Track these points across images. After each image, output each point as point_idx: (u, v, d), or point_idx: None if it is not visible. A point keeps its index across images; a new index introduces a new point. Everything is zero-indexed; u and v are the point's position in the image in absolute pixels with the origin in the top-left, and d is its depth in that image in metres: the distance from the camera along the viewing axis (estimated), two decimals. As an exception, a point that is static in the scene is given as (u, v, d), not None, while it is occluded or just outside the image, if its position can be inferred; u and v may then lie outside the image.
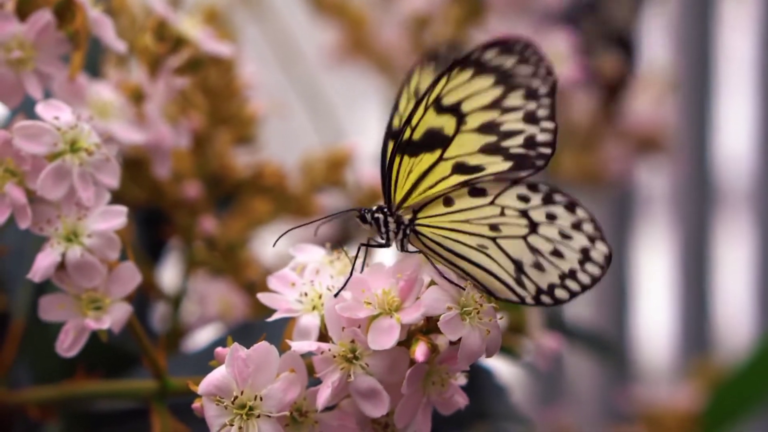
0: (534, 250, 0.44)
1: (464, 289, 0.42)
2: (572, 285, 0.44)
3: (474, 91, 0.43)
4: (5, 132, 0.43)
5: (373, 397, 0.42)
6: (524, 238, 0.44)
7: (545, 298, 0.44)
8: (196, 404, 0.42)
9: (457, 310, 0.41)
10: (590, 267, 0.44)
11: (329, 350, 0.42)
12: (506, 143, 0.44)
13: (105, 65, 0.57)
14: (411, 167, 0.44)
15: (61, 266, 0.44)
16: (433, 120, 0.44)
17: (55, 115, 0.44)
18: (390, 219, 0.44)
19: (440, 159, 0.44)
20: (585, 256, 0.44)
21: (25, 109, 0.49)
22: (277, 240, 0.47)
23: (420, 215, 0.44)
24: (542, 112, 0.43)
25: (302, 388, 0.42)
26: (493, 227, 0.44)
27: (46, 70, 0.46)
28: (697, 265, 1.21)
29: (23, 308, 0.56)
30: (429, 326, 0.42)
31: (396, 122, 0.46)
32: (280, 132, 0.68)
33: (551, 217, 0.44)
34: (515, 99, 0.43)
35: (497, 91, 0.43)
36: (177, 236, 0.61)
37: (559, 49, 0.72)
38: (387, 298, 0.42)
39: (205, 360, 0.50)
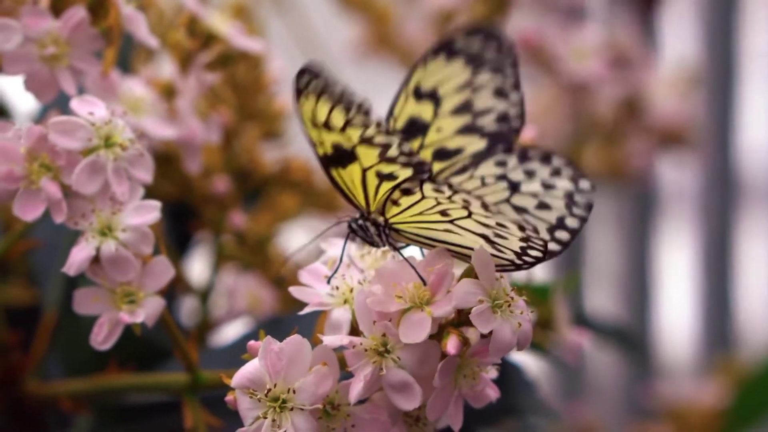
0: (519, 209, 0.44)
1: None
2: (562, 235, 0.44)
3: (448, 75, 0.46)
4: (40, 127, 0.44)
5: (405, 390, 0.42)
6: (507, 200, 0.45)
7: (533, 252, 0.43)
8: (229, 397, 0.42)
9: (488, 302, 0.42)
10: (577, 210, 0.44)
11: (361, 344, 0.42)
12: (480, 122, 0.46)
13: (134, 61, 0.57)
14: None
15: (96, 260, 0.44)
16: (412, 108, 0.46)
17: (89, 110, 0.44)
18: (368, 224, 0.45)
19: (420, 147, 0.46)
20: (570, 199, 0.44)
21: (58, 104, 0.50)
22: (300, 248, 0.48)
23: (393, 220, 0.44)
24: (509, 84, 0.45)
25: (334, 381, 0.42)
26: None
27: (79, 66, 0.47)
28: (720, 261, 1.21)
29: (54, 301, 0.57)
30: (460, 319, 0.42)
31: (391, 124, 0.46)
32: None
33: (530, 173, 0.45)
34: (484, 76, 0.46)
35: (467, 71, 0.46)
36: (205, 230, 0.61)
37: (584, 45, 0.72)
38: (418, 292, 0.42)
39: (235, 354, 0.50)
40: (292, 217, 0.64)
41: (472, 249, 0.43)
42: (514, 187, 0.45)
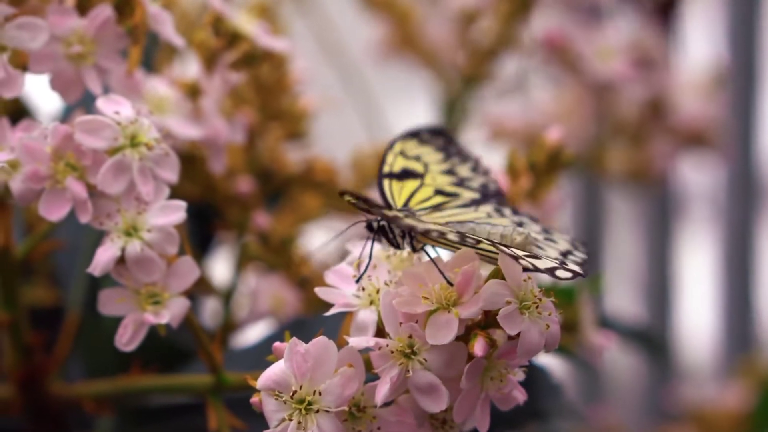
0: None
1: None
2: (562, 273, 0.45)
3: (426, 153, 0.49)
4: (66, 126, 0.44)
5: (432, 393, 0.42)
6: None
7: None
8: (254, 399, 0.42)
9: (516, 304, 0.41)
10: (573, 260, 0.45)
11: (387, 345, 0.42)
12: (467, 183, 0.49)
13: (157, 60, 0.57)
14: (401, 188, 0.48)
15: (121, 260, 0.44)
16: (404, 162, 0.48)
17: (115, 109, 0.44)
18: (393, 225, 0.45)
19: (421, 185, 0.48)
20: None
21: (82, 104, 0.49)
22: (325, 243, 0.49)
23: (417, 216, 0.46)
24: (480, 169, 0.50)
25: (360, 383, 0.42)
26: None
27: (105, 65, 0.46)
28: (742, 262, 1.20)
29: (77, 302, 0.57)
30: (487, 320, 0.42)
31: (385, 168, 0.49)
32: (328, 127, 0.68)
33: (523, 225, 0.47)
34: (455, 160, 0.50)
35: (440, 155, 0.50)
36: (228, 231, 0.61)
37: (608, 44, 0.71)
38: (444, 293, 0.42)
39: (258, 356, 0.50)
40: (315, 217, 0.63)
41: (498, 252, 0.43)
42: (520, 225, 0.46)
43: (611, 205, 1.12)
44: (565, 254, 0.45)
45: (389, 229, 0.45)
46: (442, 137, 0.50)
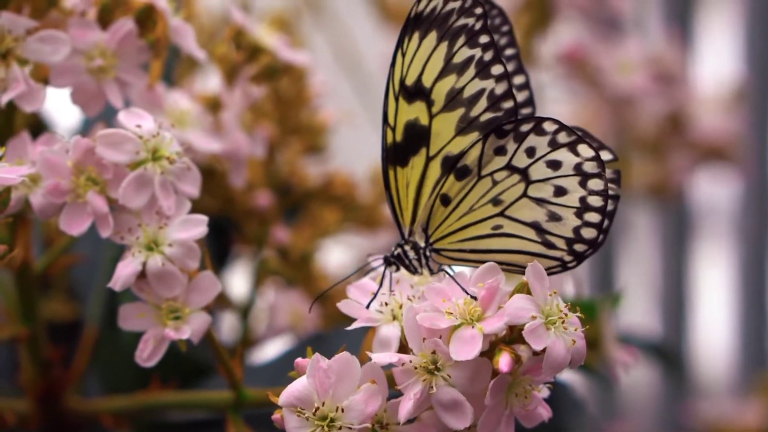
0: (540, 201, 0.43)
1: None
2: (591, 216, 0.43)
3: (426, 57, 0.43)
4: (87, 140, 0.43)
5: (456, 409, 0.41)
6: (525, 194, 0.43)
7: (579, 246, 0.43)
8: (276, 415, 0.42)
9: (541, 319, 0.41)
10: (592, 183, 0.42)
11: (410, 362, 0.41)
12: (474, 111, 0.43)
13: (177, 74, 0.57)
14: (407, 178, 0.44)
15: (142, 275, 0.43)
16: (407, 112, 0.43)
17: (137, 123, 0.44)
18: (407, 248, 0.44)
19: (428, 159, 0.44)
20: (581, 173, 0.43)
21: (101, 117, 0.49)
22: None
23: (430, 231, 0.44)
24: (488, 56, 0.42)
25: (383, 399, 0.42)
26: (495, 201, 0.43)
27: (126, 79, 0.46)
28: (758, 278, 1.19)
29: (95, 317, 0.57)
30: (512, 336, 0.42)
31: (389, 136, 0.44)
32: (345, 141, 0.68)
33: (531, 152, 0.43)
34: (462, 50, 0.42)
35: (443, 47, 0.43)
36: (246, 245, 0.61)
37: (628, 58, 0.71)
38: (468, 308, 0.41)
39: (276, 371, 0.50)
40: (333, 232, 0.63)
41: (518, 252, 0.42)
42: (525, 176, 0.43)
43: (628, 219, 1.12)
44: (582, 206, 0.43)
45: (405, 256, 0.44)
46: None
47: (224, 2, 0.67)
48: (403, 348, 0.42)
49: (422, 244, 0.44)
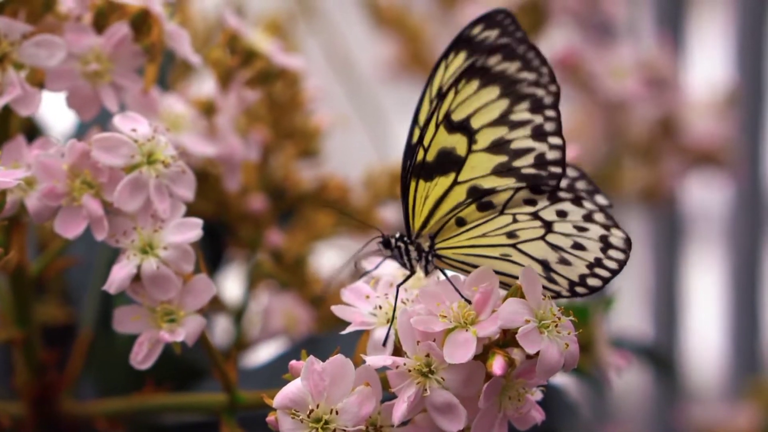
0: (555, 247, 0.43)
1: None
2: (602, 272, 0.43)
3: (482, 104, 0.43)
4: (83, 144, 0.44)
5: (449, 412, 0.41)
6: (542, 238, 0.43)
7: (580, 289, 0.44)
8: (270, 418, 0.42)
9: (535, 322, 0.41)
10: (614, 253, 0.43)
11: (404, 364, 0.41)
12: (517, 163, 0.43)
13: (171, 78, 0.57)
14: (427, 192, 0.44)
15: (137, 278, 0.44)
16: (444, 139, 0.43)
17: (132, 127, 0.44)
18: (411, 248, 0.44)
19: (455, 183, 0.44)
20: (605, 243, 0.43)
21: (96, 121, 0.49)
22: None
23: (437, 240, 0.44)
24: (549, 127, 0.42)
25: (377, 402, 0.42)
26: (510, 235, 0.43)
27: (121, 83, 0.46)
28: (749, 282, 1.19)
29: (89, 320, 0.57)
30: (505, 339, 0.42)
31: (416, 135, 0.44)
32: (338, 145, 0.68)
33: (562, 214, 0.43)
34: (522, 113, 0.42)
35: (504, 104, 0.43)
36: (240, 249, 0.61)
37: (621, 63, 0.71)
38: (463, 311, 0.42)
39: (270, 374, 0.50)
40: (327, 236, 0.63)
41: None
42: (548, 226, 0.43)
43: (620, 224, 1.12)
44: (595, 263, 0.44)
45: (405, 252, 0.44)
46: (519, 58, 0.42)
47: (219, 7, 0.67)
48: (398, 351, 0.43)
49: (426, 248, 0.44)
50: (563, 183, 0.43)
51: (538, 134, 0.43)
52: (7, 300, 0.50)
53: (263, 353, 0.62)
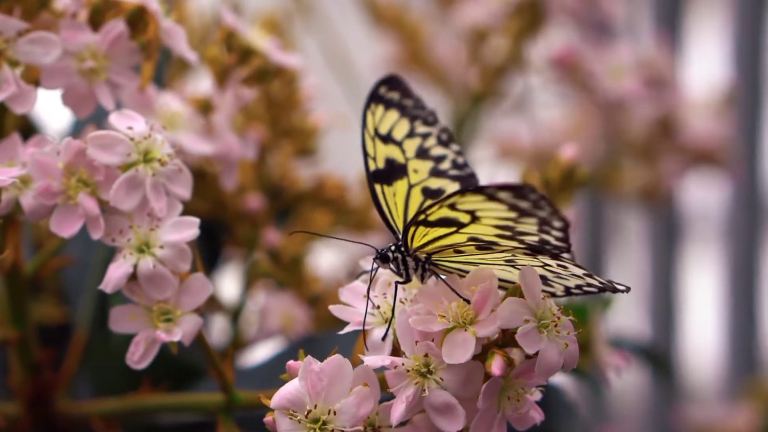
0: (552, 272, 0.43)
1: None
2: (591, 289, 0.43)
3: (392, 122, 0.47)
4: (79, 142, 0.43)
5: (448, 412, 0.41)
6: (540, 267, 0.43)
7: (576, 291, 0.44)
8: (268, 418, 0.42)
9: (534, 322, 0.41)
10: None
11: (403, 365, 0.41)
12: (442, 166, 0.47)
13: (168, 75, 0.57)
14: (394, 194, 0.46)
15: (133, 277, 0.43)
16: (383, 150, 0.46)
17: (128, 125, 0.44)
18: (408, 259, 0.44)
19: (410, 186, 0.46)
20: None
21: (92, 119, 0.49)
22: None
23: (434, 257, 0.44)
24: (444, 137, 0.47)
25: (375, 402, 0.42)
26: (508, 261, 0.43)
27: (117, 80, 0.46)
28: (747, 283, 1.19)
29: (85, 319, 0.56)
30: (504, 339, 0.42)
31: (371, 164, 0.46)
32: (335, 144, 0.68)
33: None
34: (421, 128, 0.47)
35: (405, 122, 0.47)
36: (237, 248, 0.61)
37: (620, 62, 0.71)
38: (462, 311, 0.42)
39: (267, 374, 0.49)
40: (324, 235, 0.63)
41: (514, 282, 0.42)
42: (543, 263, 0.43)
43: (616, 223, 1.12)
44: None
45: (402, 262, 0.44)
46: (396, 90, 0.47)
47: (215, 4, 0.67)
48: (396, 351, 0.42)
49: (423, 258, 0.44)
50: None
51: (442, 142, 0.47)
52: (2, 299, 0.50)
53: (260, 353, 0.62)
